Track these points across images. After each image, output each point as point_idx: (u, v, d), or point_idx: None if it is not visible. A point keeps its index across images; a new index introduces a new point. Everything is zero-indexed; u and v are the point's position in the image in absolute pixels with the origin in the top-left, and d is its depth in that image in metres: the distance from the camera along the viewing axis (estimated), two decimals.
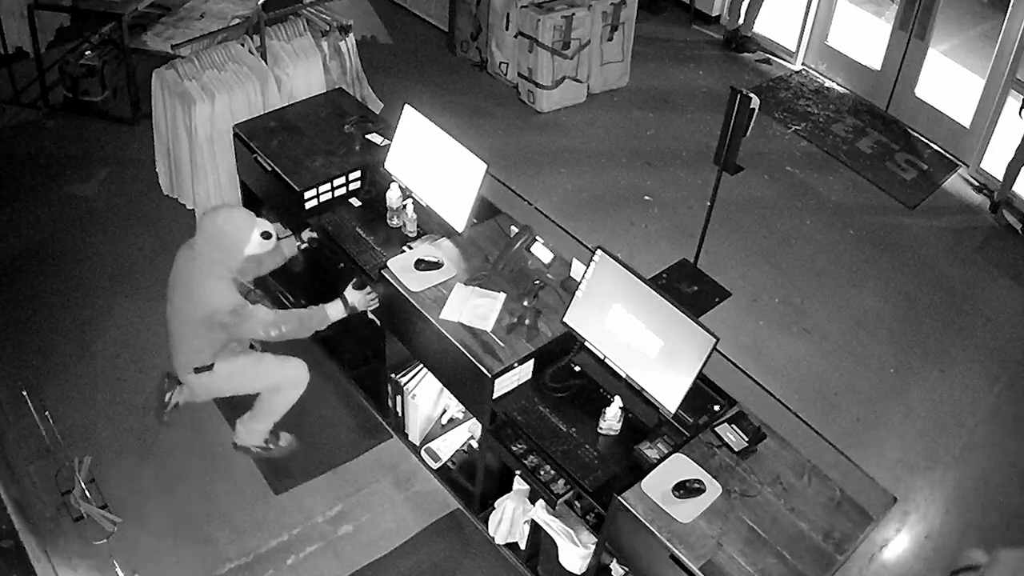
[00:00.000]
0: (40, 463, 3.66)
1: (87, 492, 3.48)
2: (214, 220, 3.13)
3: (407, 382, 3.64)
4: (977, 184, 5.74)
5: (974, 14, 6.70)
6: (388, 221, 3.65)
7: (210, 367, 3.33)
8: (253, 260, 3.21)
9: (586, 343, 3.06)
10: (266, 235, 3.16)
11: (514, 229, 3.49)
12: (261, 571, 3.41)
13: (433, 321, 3.14)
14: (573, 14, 5.66)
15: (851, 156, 5.88)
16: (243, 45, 4.41)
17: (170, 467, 3.68)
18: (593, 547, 3.12)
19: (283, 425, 3.66)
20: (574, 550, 3.20)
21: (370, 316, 3.82)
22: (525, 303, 3.18)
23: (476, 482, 3.57)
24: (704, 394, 3.00)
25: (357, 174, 3.79)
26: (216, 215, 3.17)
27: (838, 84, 6.52)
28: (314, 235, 3.67)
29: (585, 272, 3.03)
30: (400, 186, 3.62)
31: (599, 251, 2.99)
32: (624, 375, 2.97)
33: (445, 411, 3.85)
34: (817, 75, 6.61)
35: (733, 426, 2.88)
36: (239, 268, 3.17)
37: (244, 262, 3.16)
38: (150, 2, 5.43)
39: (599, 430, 2.97)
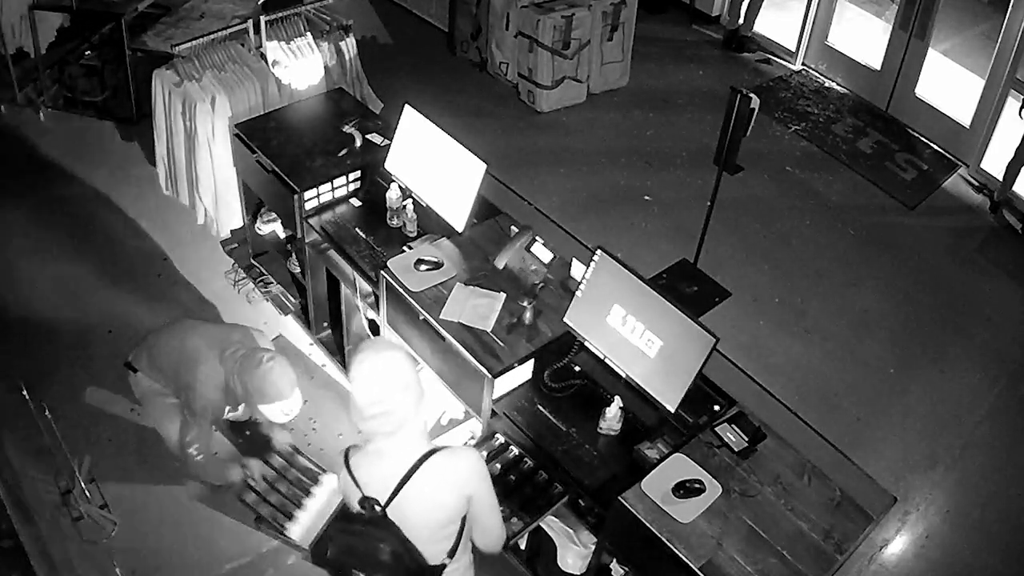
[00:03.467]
0: (40, 463, 3.66)
1: (87, 492, 3.48)
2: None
3: None
4: (977, 184, 5.74)
5: (974, 14, 6.70)
6: (388, 221, 3.65)
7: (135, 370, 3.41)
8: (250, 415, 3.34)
9: (586, 343, 3.06)
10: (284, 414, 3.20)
11: (514, 229, 3.49)
12: (261, 571, 3.41)
13: (433, 321, 3.14)
14: (573, 14, 5.66)
15: (851, 156, 5.88)
16: (243, 45, 4.41)
17: (170, 467, 3.68)
18: (593, 547, 3.12)
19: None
20: (574, 550, 3.20)
21: (370, 316, 3.82)
22: (525, 303, 3.18)
23: None
24: (704, 394, 3.00)
25: (357, 174, 3.79)
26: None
27: (838, 84, 6.52)
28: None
29: (585, 272, 3.03)
30: (400, 186, 3.62)
31: (599, 251, 2.99)
32: (624, 375, 2.97)
33: (445, 411, 3.85)
34: (817, 75, 6.61)
35: (733, 426, 2.88)
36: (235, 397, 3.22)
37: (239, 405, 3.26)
38: (150, 2, 5.44)
39: (599, 430, 2.97)
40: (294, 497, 3.29)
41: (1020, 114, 5.12)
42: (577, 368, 3.15)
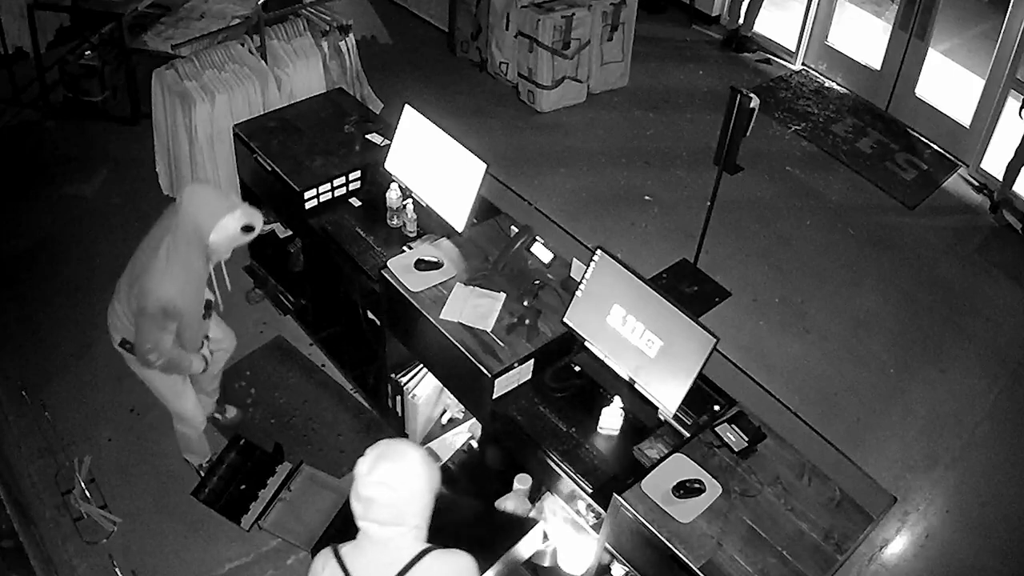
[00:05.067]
0: (40, 463, 3.66)
1: (87, 492, 3.49)
2: (191, 195, 2.91)
3: (407, 382, 3.64)
4: (977, 184, 5.74)
5: (974, 14, 6.70)
6: (388, 221, 3.65)
7: (131, 348, 3.13)
8: (218, 248, 2.95)
9: (586, 343, 3.06)
10: (247, 228, 2.92)
11: (514, 229, 3.49)
12: (261, 571, 3.41)
13: (433, 321, 3.14)
14: (573, 14, 5.66)
15: (851, 156, 5.88)
16: (243, 45, 4.41)
17: (170, 467, 3.68)
18: (593, 547, 3.12)
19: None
20: (574, 550, 3.20)
21: (370, 316, 3.83)
22: (525, 303, 3.18)
23: (476, 482, 3.57)
24: (704, 394, 3.00)
25: (357, 174, 3.80)
26: (194, 191, 2.94)
27: (838, 84, 6.52)
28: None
29: (585, 272, 3.03)
30: (400, 186, 3.62)
31: (599, 251, 2.98)
32: (624, 375, 2.97)
33: (445, 411, 3.85)
34: (817, 75, 6.61)
35: (733, 426, 2.88)
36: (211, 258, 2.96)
37: (213, 250, 2.93)
38: (150, 2, 5.44)
39: (599, 430, 2.97)
40: (249, 489, 3.45)
41: (1020, 114, 5.11)
42: (577, 368, 3.15)
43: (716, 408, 2.97)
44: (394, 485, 2.01)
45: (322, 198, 3.73)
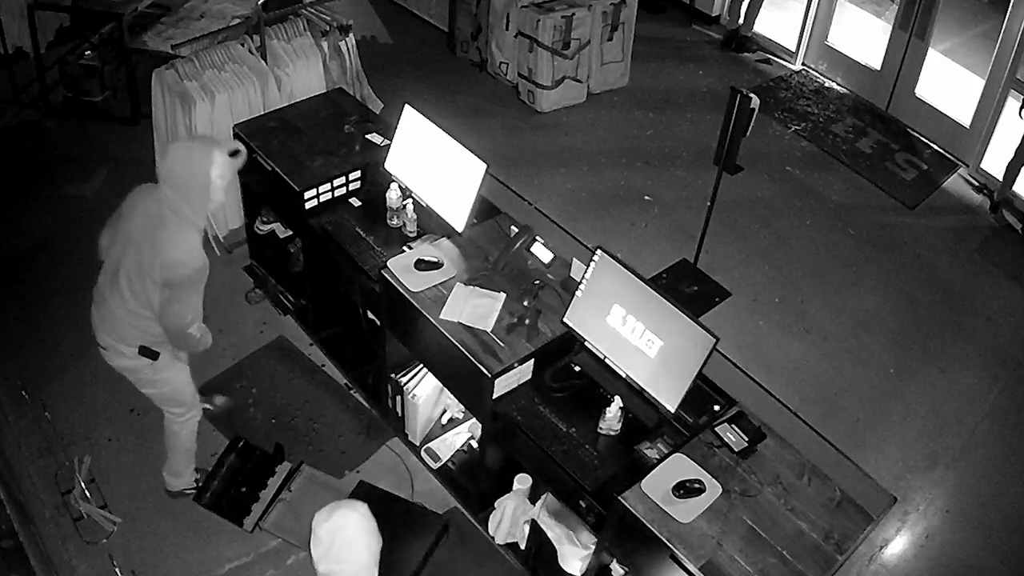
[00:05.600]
0: (40, 463, 3.66)
1: (87, 492, 3.49)
2: (174, 155, 2.91)
3: (407, 382, 3.64)
4: (977, 184, 5.74)
5: (974, 14, 6.70)
6: (388, 221, 3.65)
7: (156, 355, 3.06)
8: (220, 188, 2.92)
9: (586, 343, 3.06)
10: (234, 153, 2.93)
11: (514, 229, 3.49)
12: (261, 571, 3.41)
13: (433, 321, 3.14)
14: (573, 14, 5.66)
15: (851, 156, 5.87)
16: (243, 45, 4.41)
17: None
18: (593, 547, 3.12)
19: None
20: (574, 550, 3.20)
21: (370, 316, 3.83)
22: (525, 303, 3.18)
23: (476, 482, 3.57)
24: (704, 394, 3.00)
25: (357, 174, 3.80)
26: (176, 150, 2.97)
27: (838, 84, 6.52)
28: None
29: (585, 272, 3.03)
30: (400, 186, 3.62)
31: (599, 251, 2.99)
32: (624, 375, 2.97)
33: (445, 411, 3.85)
34: (817, 75, 6.61)
35: (733, 426, 2.88)
36: (213, 203, 2.92)
37: (215, 192, 2.89)
38: (150, 2, 5.44)
39: (599, 430, 2.97)
40: (249, 491, 3.44)
41: (1020, 114, 5.11)
42: (577, 368, 3.15)
43: (716, 408, 2.98)
44: (338, 542, 2.39)
45: (322, 198, 3.73)
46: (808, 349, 4.54)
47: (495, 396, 3.05)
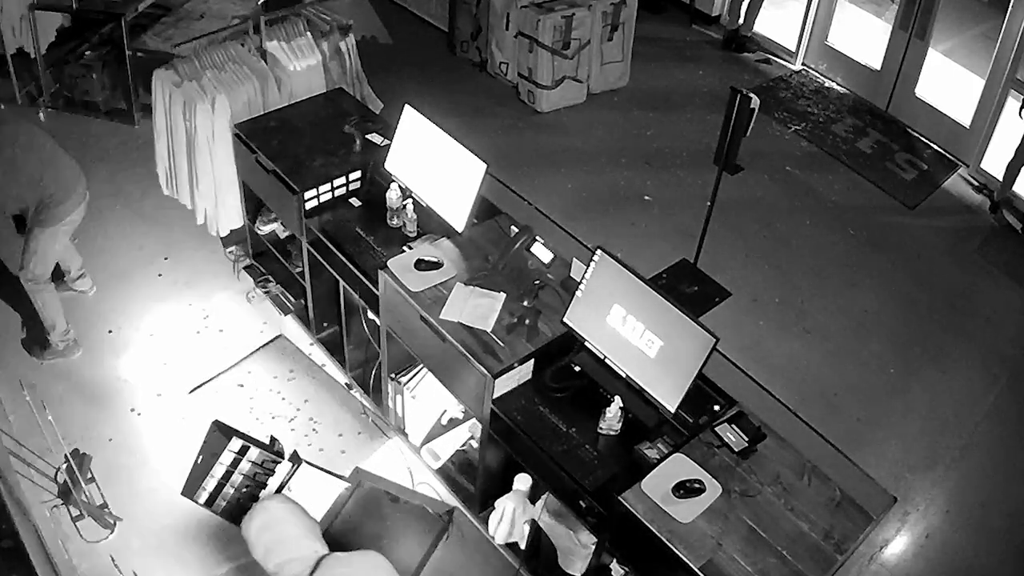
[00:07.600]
0: (40, 463, 3.66)
1: (87, 492, 3.48)
2: None
3: (407, 382, 3.64)
4: (977, 184, 5.74)
5: (974, 14, 6.70)
6: (388, 221, 3.65)
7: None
8: None
9: (586, 343, 3.06)
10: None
11: (514, 229, 3.49)
12: (261, 571, 3.40)
13: (433, 321, 3.14)
14: (573, 14, 5.66)
15: (851, 156, 5.88)
16: (243, 45, 4.41)
17: (170, 467, 3.68)
18: (593, 547, 3.12)
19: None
20: (574, 550, 3.20)
21: (370, 316, 3.82)
22: (525, 303, 3.18)
23: (476, 482, 3.57)
24: (704, 394, 3.00)
25: (357, 174, 3.79)
26: None
27: (838, 84, 6.52)
28: None
29: (585, 272, 3.03)
30: (400, 186, 3.62)
31: (599, 251, 2.99)
32: (624, 375, 2.97)
33: (445, 411, 3.85)
34: (817, 75, 6.61)
35: (733, 426, 2.88)
36: None
37: None
38: (150, 2, 5.44)
39: (599, 430, 2.97)
40: (249, 492, 3.44)
41: (1020, 114, 5.11)
42: (577, 368, 3.15)
43: (716, 408, 2.98)
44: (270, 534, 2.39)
45: (322, 198, 3.73)
46: (808, 349, 4.54)
47: (495, 396, 3.05)
